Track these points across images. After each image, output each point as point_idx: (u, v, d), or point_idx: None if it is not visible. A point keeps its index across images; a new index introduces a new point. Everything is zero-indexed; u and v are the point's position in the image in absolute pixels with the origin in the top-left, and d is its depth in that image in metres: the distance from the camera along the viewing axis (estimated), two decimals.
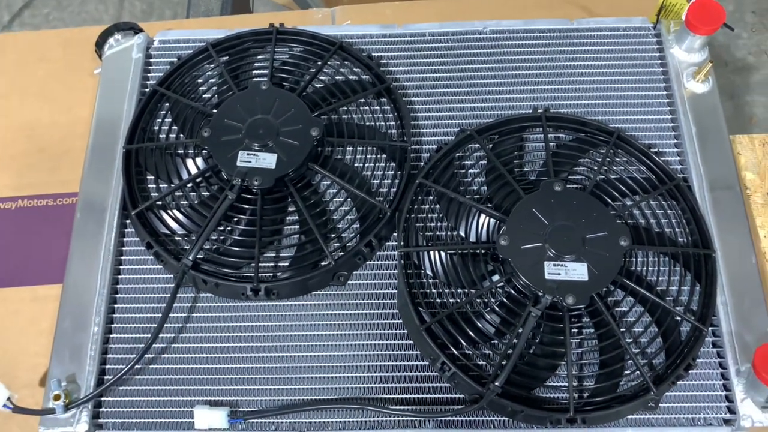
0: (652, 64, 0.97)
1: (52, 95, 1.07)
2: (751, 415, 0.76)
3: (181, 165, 0.89)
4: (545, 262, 0.77)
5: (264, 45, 0.98)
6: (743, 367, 0.78)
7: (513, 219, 0.80)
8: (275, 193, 0.86)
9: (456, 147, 0.88)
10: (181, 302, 0.84)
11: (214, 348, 0.82)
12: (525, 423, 0.77)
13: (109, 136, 0.94)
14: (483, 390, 0.73)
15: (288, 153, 0.85)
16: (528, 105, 0.94)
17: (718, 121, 0.92)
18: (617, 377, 0.76)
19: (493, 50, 0.99)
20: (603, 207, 0.81)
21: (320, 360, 0.81)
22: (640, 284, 0.79)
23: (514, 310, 0.78)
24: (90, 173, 0.92)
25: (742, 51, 1.71)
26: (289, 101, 0.89)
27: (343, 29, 1.02)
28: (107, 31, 1.02)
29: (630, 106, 0.94)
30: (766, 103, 1.64)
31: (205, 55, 0.97)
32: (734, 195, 0.88)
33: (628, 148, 0.88)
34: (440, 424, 0.77)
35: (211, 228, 0.82)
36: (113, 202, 0.89)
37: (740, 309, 0.81)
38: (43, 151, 1.03)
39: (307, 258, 0.83)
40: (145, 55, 1.00)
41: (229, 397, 0.79)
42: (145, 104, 0.93)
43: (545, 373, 0.78)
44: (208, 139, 0.86)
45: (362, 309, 0.83)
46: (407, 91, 0.96)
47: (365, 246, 0.83)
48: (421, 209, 0.86)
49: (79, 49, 1.08)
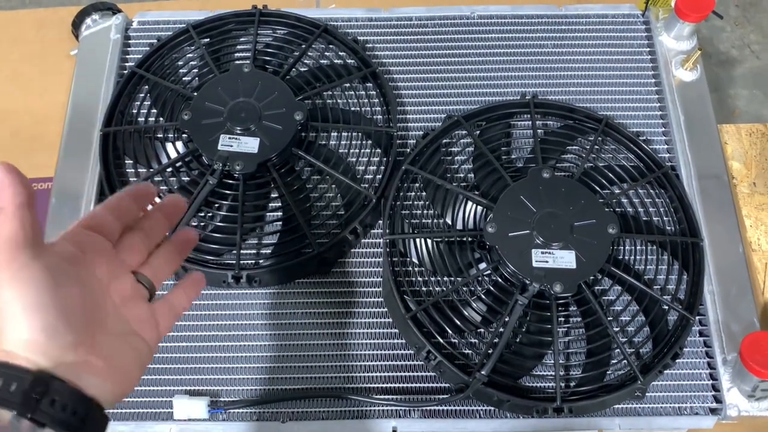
0: (641, 52, 0.96)
1: (27, 77, 1.04)
2: (737, 405, 0.76)
3: (160, 149, 0.87)
4: (533, 249, 0.76)
5: (246, 27, 0.95)
6: (730, 356, 0.77)
7: (500, 206, 0.79)
8: (258, 179, 0.84)
9: (443, 133, 0.87)
10: (160, 290, 0.81)
11: (195, 336, 0.80)
12: (511, 412, 0.76)
13: (86, 119, 0.91)
14: (469, 379, 0.72)
15: (271, 137, 0.83)
16: (516, 91, 0.93)
17: (706, 109, 0.92)
18: (604, 366, 0.76)
19: (481, 35, 0.97)
20: (591, 195, 0.80)
21: (303, 349, 0.79)
22: (628, 273, 0.78)
23: (500, 299, 0.77)
24: (66, 157, 0.90)
25: (725, 44, 1.71)
26: (273, 84, 0.86)
27: (328, 12, 1.01)
28: (84, 11, 0.99)
29: (618, 94, 0.93)
30: (748, 96, 1.65)
31: (185, 37, 0.94)
32: (722, 184, 0.88)
33: (616, 135, 0.87)
34: (425, 413, 0.76)
35: (192, 214, 0.80)
36: (90, 187, 0.87)
37: (727, 298, 0.81)
38: (17, 135, 1.00)
39: (290, 245, 0.82)
40: (123, 36, 0.97)
41: (210, 387, 0.77)
42: (123, 86, 0.90)
43: (532, 362, 0.77)
44: (188, 123, 0.84)
45: (347, 297, 0.81)
46: (393, 76, 0.94)
47: (350, 233, 0.81)
48: (407, 196, 0.84)
49: (55, 30, 1.05)
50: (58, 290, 0.44)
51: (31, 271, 0.43)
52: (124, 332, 0.48)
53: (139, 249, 0.53)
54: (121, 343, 0.48)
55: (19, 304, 0.42)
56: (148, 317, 0.51)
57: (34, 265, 0.43)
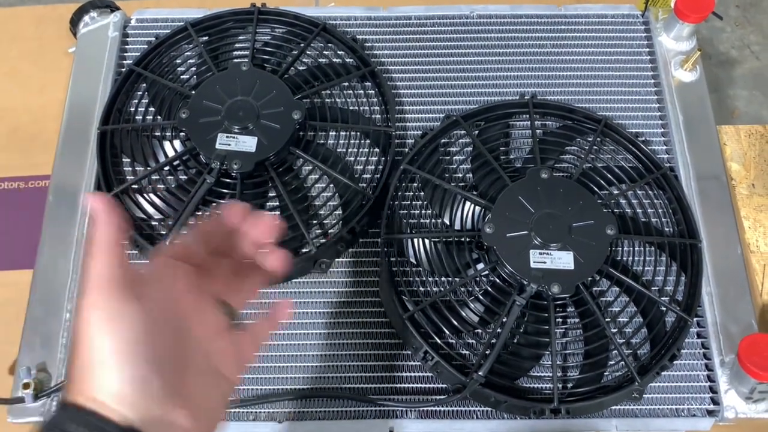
0: (640, 52, 0.96)
1: (25, 74, 1.04)
2: (734, 406, 0.76)
3: (158, 147, 0.87)
4: (531, 250, 0.76)
5: (245, 25, 0.95)
6: (727, 358, 0.77)
7: (498, 207, 0.78)
8: (255, 178, 0.83)
9: (441, 133, 0.87)
10: None
11: None
12: (508, 413, 0.76)
13: (84, 117, 0.91)
14: (466, 380, 0.72)
15: (269, 136, 0.83)
16: (515, 91, 0.93)
17: (705, 110, 0.92)
18: (602, 367, 0.76)
19: (480, 35, 0.97)
20: (590, 195, 0.80)
21: (300, 349, 0.79)
22: (626, 274, 0.78)
23: (498, 299, 0.76)
24: (63, 155, 0.89)
25: (725, 44, 1.71)
26: (271, 83, 0.86)
27: (327, 11, 1.00)
28: (82, 9, 0.99)
29: (617, 94, 0.93)
30: (748, 96, 1.64)
31: (183, 35, 0.94)
32: (720, 185, 0.87)
33: (615, 136, 0.87)
34: (422, 414, 0.76)
35: (189, 213, 0.80)
36: (87, 185, 0.87)
37: (725, 300, 0.81)
38: (15, 132, 0.99)
39: (287, 244, 0.81)
40: (121, 34, 0.97)
41: None
42: (121, 84, 0.90)
43: (529, 363, 0.76)
44: (186, 121, 0.84)
45: (344, 297, 0.81)
46: (392, 76, 0.94)
47: (348, 233, 0.81)
48: (405, 196, 0.84)
49: (53, 27, 1.04)
50: (149, 337, 0.42)
51: (124, 316, 0.42)
52: (208, 371, 0.47)
53: (225, 274, 0.51)
54: (205, 384, 0.46)
55: (111, 351, 0.41)
56: (231, 350, 0.49)
57: (128, 310, 0.42)
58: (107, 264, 0.43)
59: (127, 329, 0.42)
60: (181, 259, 0.49)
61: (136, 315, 0.42)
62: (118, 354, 0.41)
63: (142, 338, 0.42)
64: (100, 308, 0.42)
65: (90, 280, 0.43)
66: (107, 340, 0.41)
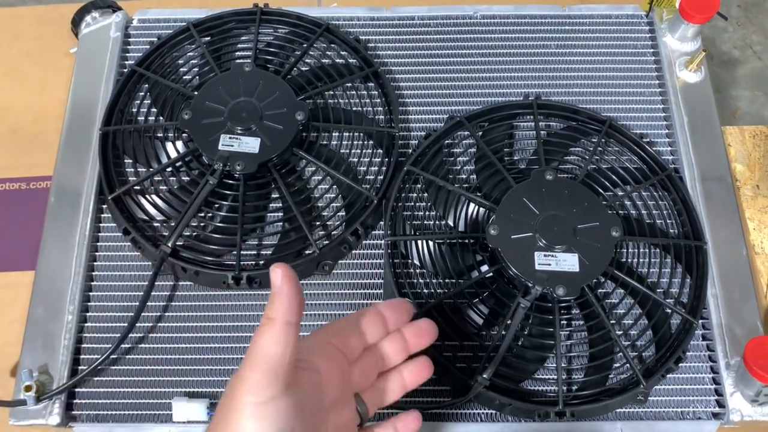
0: (645, 53, 0.96)
1: (26, 75, 1.03)
2: (740, 409, 0.75)
3: (160, 148, 0.86)
4: (535, 252, 0.75)
5: (248, 25, 0.94)
6: (733, 361, 0.77)
7: (503, 208, 0.78)
8: (258, 179, 0.83)
9: (445, 134, 0.86)
10: (160, 291, 0.81)
11: (194, 338, 0.79)
12: (513, 416, 0.75)
13: (86, 117, 0.91)
14: (470, 382, 0.72)
15: (272, 137, 0.82)
16: (519, 92, 0.92)
17: (710, 111, 0.91)
18: (607, 370, 0.75)
19: (484, 35, 0.96)
20: (594, 197, 0.79)
21: None
22: (631, 276, 0.78)
23: (503, 301, 0.76)
24: (65, 156, 0.89)
25: (727, 44, 1.71)
26: (274, 84, 0.86)
27: (330, 11, 1.00)
28: (84, 9, 0.98)
29: (622, 95, 0.93)
30: (750, 97, 1.64)
31: (186, 35, 0.93)
32: (725, 186, 0.87)
33: (620, 137, 0.87)
34: (426, 416, 0.75)
35: (191, 214, 0.80)
36: (89, 186, 0.86)
37: (730, 302, 0.80)
38: (16, 133, 0.99)
39: (290, 246, 0.81)
40: (123, 34, 0.97)
41: (209, 389, 0.77)
42: (123, 85, 0.89)
43: (534, 365, 0.76)
44: (188, 122, 0.83)
45: (347, 299, 0.81)
46: (395, 76, 0.93)
47: (351, 234, 0.81)
48: (409, 197, 0.84)
49: (55, 27, 1.04)
50: (292, 428, 0.43)
51: (279, 408, 0.43)
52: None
53: (372, 373, 0.51)
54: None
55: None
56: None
57: (283, 402, 0.43)
58: (279, 345, 0.43)
59: (274, 420, 0.43)
60: (338, 344, 0.49)
61: (289, 410, 0.43)
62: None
63: (288, 429, 0.43)
64: (257, 394, 0.43)
65: (256, 357, 0.43)
66: (257, 426, 0.43)
